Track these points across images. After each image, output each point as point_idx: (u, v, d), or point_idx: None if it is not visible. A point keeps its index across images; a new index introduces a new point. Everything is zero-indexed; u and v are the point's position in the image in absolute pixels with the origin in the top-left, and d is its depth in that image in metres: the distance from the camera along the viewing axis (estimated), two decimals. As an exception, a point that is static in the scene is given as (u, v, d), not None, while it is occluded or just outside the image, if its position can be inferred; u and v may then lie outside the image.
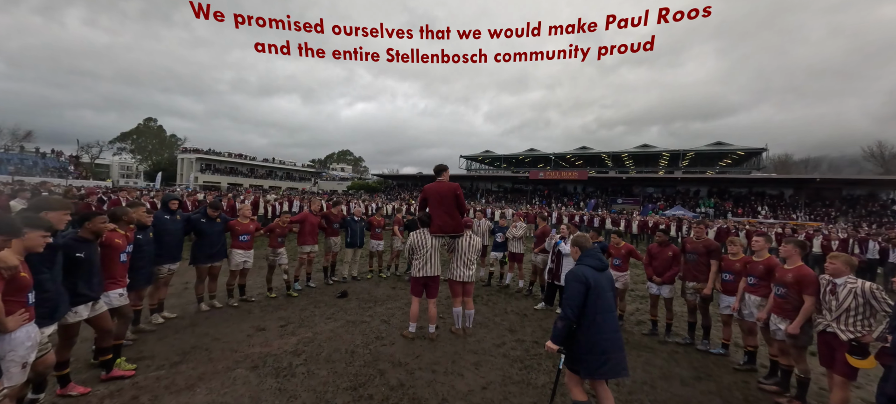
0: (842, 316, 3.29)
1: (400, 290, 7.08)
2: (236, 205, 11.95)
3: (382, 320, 5.38)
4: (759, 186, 35.54)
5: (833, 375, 3.35)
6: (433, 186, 4.95)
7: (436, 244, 4.80)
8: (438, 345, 4.59)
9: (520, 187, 47.36)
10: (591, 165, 48.70)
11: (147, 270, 4.44)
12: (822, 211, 30.55)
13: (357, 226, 7.64)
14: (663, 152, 42.96)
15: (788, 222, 24.74)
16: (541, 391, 3.67)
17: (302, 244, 6.78)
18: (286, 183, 58.70)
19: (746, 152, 38.51)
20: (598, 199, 40.25)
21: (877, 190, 31.29)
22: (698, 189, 37.79)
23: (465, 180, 49.82)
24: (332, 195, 34.69)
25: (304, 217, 6.85)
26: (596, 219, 18.02)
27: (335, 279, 7.54)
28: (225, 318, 5.17)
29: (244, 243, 5.77)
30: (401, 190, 51.18)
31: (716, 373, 4.31)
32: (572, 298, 2.80)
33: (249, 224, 5.92)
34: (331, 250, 7.41)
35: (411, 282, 4.90)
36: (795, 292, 3.70)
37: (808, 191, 32.86)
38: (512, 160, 53.06)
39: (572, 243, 3.15)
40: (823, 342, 3.43)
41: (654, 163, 47.73)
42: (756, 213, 31.56)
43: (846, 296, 3.28)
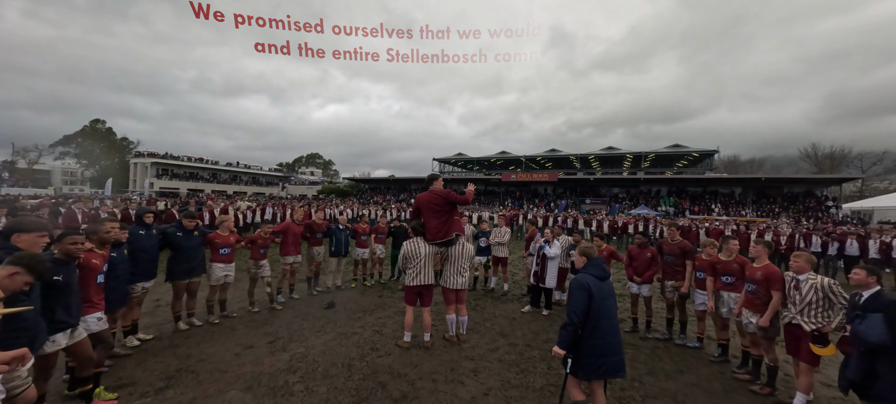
0: (805, 309, 3.65)
1: (387, 299, 7.01)
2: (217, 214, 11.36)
3: (375, 330, 5.32)
4: (713, 186, 38.17)
5: (799, 363, 3.71)
6: (425, 196, 4.98)
7: (430, 252, 4.82)
8: (435, 354, 4.61)
9: (492, 189, 48.07)
10: (560, 167, 50.38)
11: (122, 290, 4.16)
12: (767, 208, 33.29)
13: (342, 235, 7.49)
14: (627, 154, 45.15)
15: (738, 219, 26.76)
16: (540, 393, 3.79)
17: (285, 254, 6.57)
18: (252, 188, 56.27)
19: (701, 154, 41.25)
20: (567, 200, 41.68)
21: (812, 187, 34.51)
22: (659, 189, 40.01)
23: (438, 183, 49.85)
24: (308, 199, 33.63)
25: (287, 227, 6.64)
26: (569, 219, 18.67)
27: (319, 289, 7.35)
28: (207, 337, 4.92)
29: (225, 256, 5.52)
30: (373, 193, 50.48)
31: (695, 366, 4.62)
32: (576, 305, 2.92)
33: (230, 236, 5.67)
34: (314, 260, 7.23)
35: (405, 291, 4.89)
36: (764, 289, 4.05)
37: (755, 190, 35.72)
38: (484, 162, 53.82)
39: (580, 252, 3.28)
40: (789, 333, 3.79)
41: (618, 165, 50.11)
42: (710, 211, 33.88)
43: (808, 291, 3.64)
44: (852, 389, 3.09)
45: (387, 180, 52.51)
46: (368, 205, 33.19)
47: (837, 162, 45.67)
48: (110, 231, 3.77)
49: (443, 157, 52.94)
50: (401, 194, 48.93)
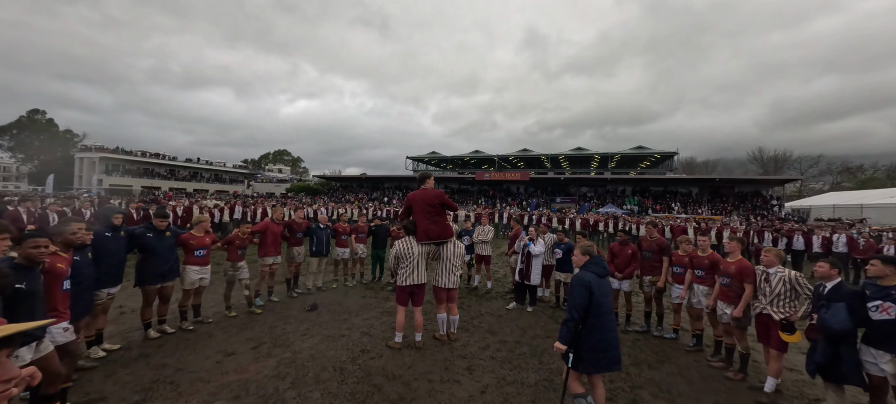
0: (774, 300, 3.95)
1: (371, 299, 6.88)
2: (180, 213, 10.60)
3: (363, 332, 5.20)
4: (673, 185, 40.48)
5: (769, 349, 4.00)
6: (418, 194, 4.92)
7: (422, 252, 4.78)
8: (427, 354, 4.58)
9: (466, 188, 48.40)
10: (532, 167, 51.57)
11: (86, 297, 3.80)
12: (720, 206, 35.74)
13: (323, 234, 7.26)
14: (595, 155, 46.91)
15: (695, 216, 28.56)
16: (534, 388, 3.85)
17: (264, 255, 6.28)
18: (214, 185, 53.34)
19: (662, 155, 43.62)
20: (538, 199, 42.75)
21: (759, 187, 37.44)
22: (624, 188, 41.90)
23: (411, 181, 49.63)
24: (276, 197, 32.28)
25: (266, 226, 6.35)
26: (544, 217, 19.15)
27: (299, 291, 7.09)
28: (182, 344, 4.61)
29: (200, 258, 5.19)
30: (345, 192, 49.38)
31: (673, 357, 4.88)
32: (578, 302, 3.00)
33: (205, 237, 5.34)
34: (294, 261, 6.96)
35: (397, 291, 4.82)
36: (737, 282, 4.34)
37: (710, 189, 38.24)
38: (458, 161, 54.11)
39: (581, 251, 3.36)
40: (760, 322, 4.09)
41: (586, 165, 51.96)
42: (671, 209, 35.92)
43: (777, 284, 3.94)
44: (819, 372, 3.37)
45: (359, 178, 51.54)
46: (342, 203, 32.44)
47: (780, 164, 49.88)
48: (77, 232, 3.44)
49: (416, 156, 52.68)
50: (373, 193, 48.23)
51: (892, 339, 3.04)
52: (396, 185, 49.83)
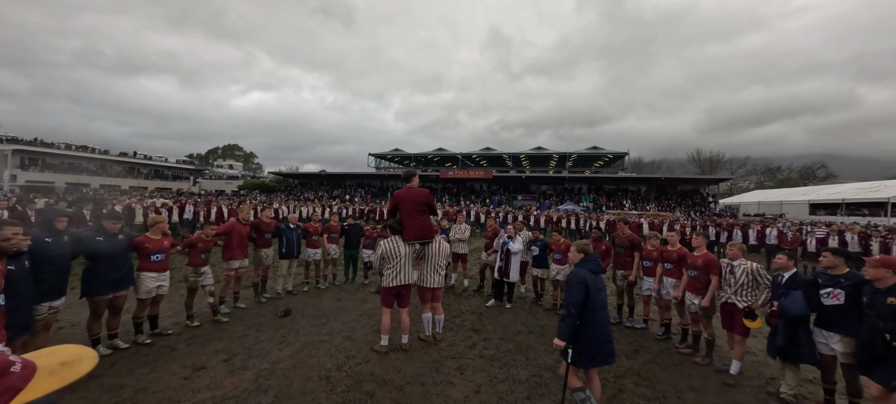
0: (738, 290, 4.31)
1: (347, 302, 6.62)
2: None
3: (344, 337, 4.98)
4: (624, 184, 43.20)
5: (733, 335, 4.36)
6: (405, 193, 4.79)
7: (409, 252, 4.65)
8: (415, 356, 4.48)
9: (430, 186, 48.28)
10: (494, 165, 52.60)
11: (24, 313, 3.29)
12: (665, 203, 38.70)
13: (293, 235, 6.86)
14: (553, 154, 48.81)
15: (645, 213, 30.69)
16: (526, 385, 3.90)
17: (229, 258, 5.80)
18: (154, 182, 48.71)
19: (614, 155, 46.36)
20: (501, 197, 43.75)
21: (698, 186, 41.01)
22: (581, 186, 44.04)
23: (374, 179, 48.74)
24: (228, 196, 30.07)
25: (231, 227, 5.87)
26: (509, 215, 19.60)
27: (267, 296, 6.65)
28: (140, 361, 4.13)
29: (157, 264, 4.69)
30: (303, 189, 47.31)
31: (646, 345, 5.17)
32: (575, 298, 3.06)
33: (163, 240, 4.82)
34: (262, 263, 6.51)
35: (382, 293, 4.66)
36: (704, 274, 4.69)
37: (657, 188, 41.28)
38: (421, 159, 53.89)
39: (577, 249, 3.43)
40: (725, 311, 4.44)
41: (545, 164, 53.91)
42: (622, 206, 38.33)
43: (741, 275, 4.31)
44: (779, 353, 3.73)
45: (318, 175, 49.61)
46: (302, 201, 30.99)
47: (715, 165, 55.10)
48: (11, 238, 2.94)
49: (379, 153, 51.71)
50: (334, 190, 46.71)
51: (841, 322, 3.42)
52: (358, 183, 48.62)
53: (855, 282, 3.38)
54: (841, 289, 3.44)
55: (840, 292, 3.44)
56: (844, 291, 3.42)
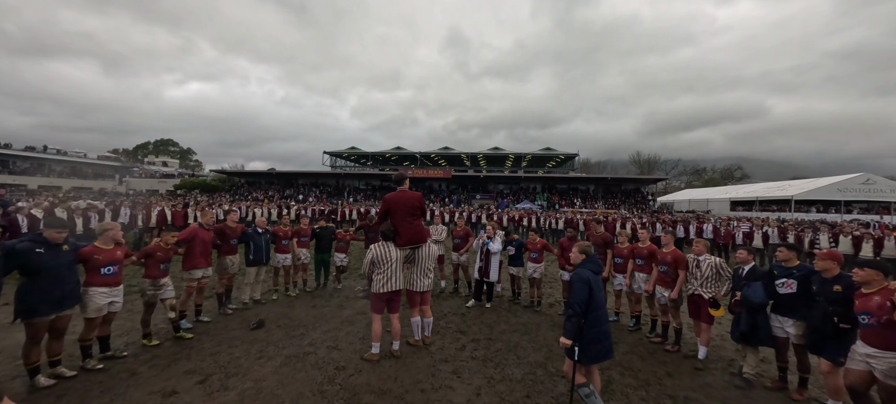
0: (704, 282, 4.74)
1: (323, 309, 6.31)
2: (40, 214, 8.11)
3: (329, 347, 4.73)
4: (575, 183, 45.76)
5: (699, 323, 4.79)
6: (397, 196, 4.65)
7: (400, 256, 4.53)
8: (408, 362, 4.38)
9: (389, 185, 47.59)
10: (452, 164, 53.09)
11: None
12: (611, 201, 41.60)
13: (261, 240, 6.38)
14: (509, 154, 50.33)
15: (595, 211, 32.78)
16: (524, 383, 3.97)
17: (191, 268, 5.27)
18: (70, 181, 42.77)
19: (566, 156, 48.87)
20: (459, 196, 44.30)
21: (639, 185, 44.58)
22: (535, 186, 45.89)
23: (329, 178, 46.98)
24: (161, 195, 27.14)
25: (194, 233, 5.33)
26: (473, 214, 19.89)
27: (233, 307, 6.12)
28: (94, 390, 3.60)
29: (109, 277, 4.12)
30: (251, 189, 44.30)
31: (621, 337, 5.51)
32: (579, 297, 3.18)
33: (115, 250, 4.25)
34: (227, 272, 5.97)
35: (372, 299, 4.49)
36: (673, 268, 5.10)
37: (604, 187, 44.20)
38: (379, 158, 52.86)
39: (579, 250, 3.54)
40: (692, 301, 4.87)
41: (501, 164, 55.44)
42: (573, 204, 40.59)
43: (706, 269, 4.74)
44: (742, 338, 4.16)
45: (268, 174, 46.74)
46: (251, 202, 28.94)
47: (652, 166, 60.34)
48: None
49: (334, 151, 49.89)
50: (286, 190, 44.33)
51: (794, 308, 3.90)
52: (312, 182, 46.56)
53: (805, 273, 3.87)
54: (794, 279, 3.92)
55: (793, 282, 3.92)
56: (797, 281, 3.90)
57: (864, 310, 3.14)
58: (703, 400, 3.80)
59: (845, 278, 3.50)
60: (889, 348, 2.99)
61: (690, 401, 3.76)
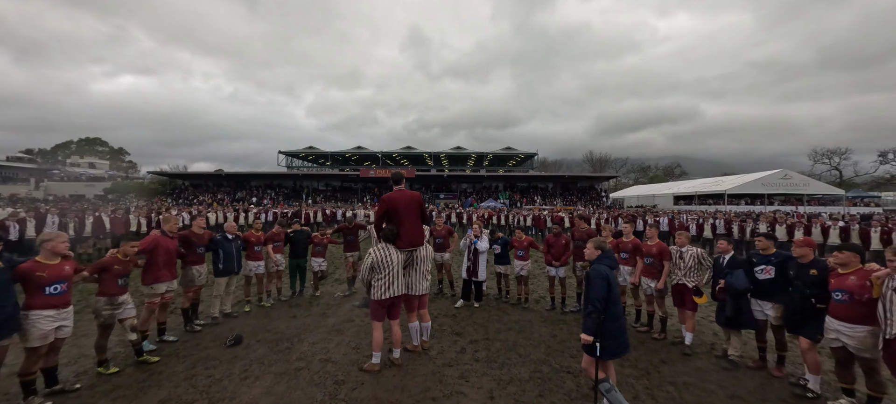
0: (687, 272, 5.01)
1: (304, 318, 5.88)
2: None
3: (322, 360, 4.38)
4: (534, 182, 47.35)
5: (684, 311, 5.05)
6: (397, 196, 4.41)
7: (401, 259, 4.30)
8: (410, 370, 4.17)
9: (349, 186, 46.22)
10: (415, 164, 52.73)
11: None
12: (569, 198, 43.56)
13: (231, 247, 5.80)
14: (471, 153, 50.98)
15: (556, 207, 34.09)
16: (532, 382, 3.93)
17: (153, 281, 4.65)
18: (-31, 187, 36.70)
19: (525, 155, 50.43)
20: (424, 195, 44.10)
21: (593, 183, 47.13)
22: (497, 184, 46.86)
23: (285, 179, 44.65)
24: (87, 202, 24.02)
25: (155, 242, 4.70)
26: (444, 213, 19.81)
27: (201, 322, 5.51)
28: (45, 432, 3.01)
29: (56, 297, 3.50)
30: (197, 192, 40.87)
31: (610, 329, 5.68)
32: (599, 292, 3.18)
33: (62, 264, 3.62)
34: (194, 284, 5.35)
35: (373, 306, 4.22)
36: (658, 260, 5.34)
37: (561, 185, 46.18)
38: (338, 158, 51.16)
39: (594, 245, 3.54)
40: (676, 291, 5.12)
41: (463, 163, 55.98)
42: (534, 202, 41.98)
43: (690, 259, 5.01)
44: (728, 323, 4.44)
45: (216, 175, 43.35)
46: (195, 206, 26.58)
47: (604, 164, 64.12)
48: None
49: (291, 150, 47.50)
50: (237, 192, 41.51)
51: (772, 292, 4.21)
52: (267, 183, 43.97)
53: (782, 259, 4.20)
54: (772, 266, 4.24)
55: (771, 268, 4.24)
56: (774, 267, 4.22)
57: (839, 288, 3.45)
58: (700, 384, 3.99)
59: (820, 262, 3.84)
60: (858, 321, 3.31)
61: (690, 387, 3.92)
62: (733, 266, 4.55)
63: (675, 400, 3.67)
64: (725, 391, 3.85)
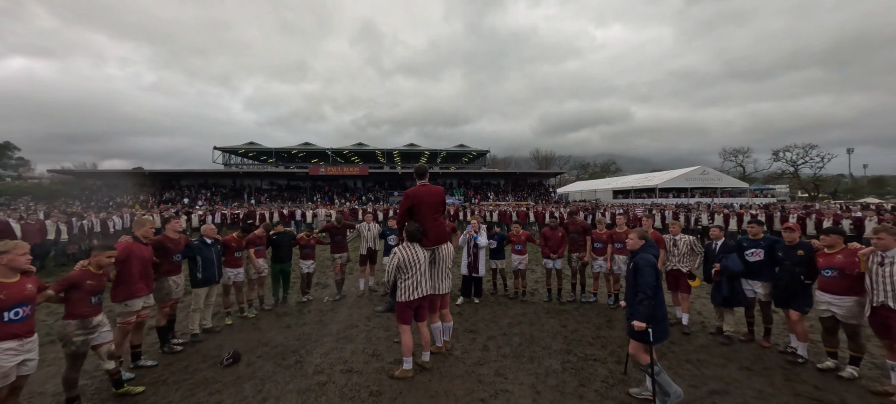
0: (681, 258, 5.42)
1: (299, 329, 5.36)
2: None
3: (343, 370, 4.02)
4: (487, 178, 48.52)
5: (678, 294, 5.47)
6: (421, 191, 4.17)
7: (427, 258, 4.08)
8: (444, 372, 3.99)
9: (297, 184, 43.54)
10: (366, 161, 51.15)
11: None
12: (520, 194, 45.35)
13: (211, 252, 5.09)
14: (425, 150, 50.80)
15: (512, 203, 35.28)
16: (567, 373, 3.97)
17: (127, 297, 3.91)
18: None
19: (478, 153, 51.46)
20: (377, 194, 43.07)
21: (541, 179, 49.57)
22: (452, 181, 47.24)
23: (223, 177, 40.82)
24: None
25: (129, 250, 3.95)
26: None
27: (181, 342, 4.76)
28: None
29: (17, 325, 2.78)
30: (112, 192, 35.63)
31: (608, 315, 5.96)
32: (649, 281, 3.29)
33: (24, 282, 2.88)
34: (170, 297, 4.60)
35: (399, 309, 3.95)
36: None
37: (513, 181, 47.89)
38: (283, 154, 47.95)
39: (639, 236, 3.63)
40: (671, 276, 5.52)
41: (416, 160, 55.58)
42: (487, 198, 43.05)
43: (683, 247, 5.43)
44: (724, 302, 4.87)
45: (137, 174, 38.12)
46: (112, 209, 23.07)
47: (550, 161, 67.81)
48: None
49: (228, 146, 43.38)
50: (165, 193, 37.05)
51: (761, 272, 4.70)
52: (200, 183, 39.78)
53: (770, 243, 4.72)
54: (761, 249, 4.74)
55: (761, 251, 4.74)
56: (764, 250, 4.72)
57: (828, 266, 3.96)
58: (710, 359, 4.33)
59: (806, 244, 4.37)
60: (846, 293, 3.83)
61: (703, 363, 4.24)
62: (726, 251, 5.00)
63: (699, 376, 3.94)
64: (734, 364, 4.22)
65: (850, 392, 3.60)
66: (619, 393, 3.60)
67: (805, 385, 3.74)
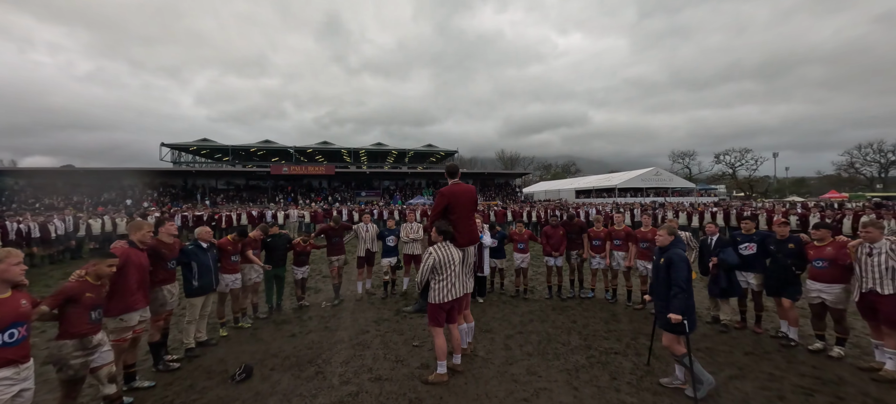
0: (679, 253, 5.75)
1: (304, 337, 5.04)
2: None
3: (373, 379, 3.82)
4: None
5: (676, 288, 5.80)
6: (457, 189, 4.07)
7: (461, 258, 3.99)
8: (478, 374, 3.92)
9: (257, 183, 41.17)
10: (332, 160, 49.49)
11: None
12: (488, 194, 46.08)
13: (208, 258, 4.64)
14: (392, 150, 50.08)
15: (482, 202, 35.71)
16: (595, 367, 4.06)
17: (123, 311, 3.46)
18: None
19: (446, 153, 51.63)
20: (343, 194, 41.82)
21: (508, 179, 50.72)
22: (420, 181, 46.99)
23: (174, 176, 37.67)
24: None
25: (126, 257, 3.48)
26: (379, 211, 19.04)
27: (176, 358, 4.28)
28: None
29: (12, 349, 2.36)
30: (39, 193, 31.58)
31: (608, 309, 6.18)
32: (683, 275, 3.44)
33: (17, 298, 2.44)
34: (164, 308, 4.13)
35: (432, 310, 3.82)
36: (652, 244, 6.01)
37: (481, 181, 48.55)
38: (241, 152, 45.13)
39: (668, 232, 3.77)
40: (668, 270, 5.85)
41: (383, 159, 54.71)
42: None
43: (681, 241, 5.77)
44: (722, 293, 5.23)
45: (68, 172, 34.05)
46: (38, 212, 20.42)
47: (515, 162, 69.57)
48: None
49: (178, 143, 40.05)
50: (103, 193, 33.49)
51: (754, 264, 5.11)
52: (146, 182, 36.34)
53: (762, 237, 5.13)
54: (754, 243, 5.15)
55: (753, 244, 5.15)
56: (756, 243, 5.13)
57: (819, 258, 4.37)
58: (716, 347, 4.63)
59: (795, 238, 4.80)
60: (835, 282, 4.25)
61: (713, 351, 4.53)
62: (721, 245, 5.38)
63: (712, 363, 4.19)
64: (738, 350, 4.54)
65: (842, 369, 4.00)
66: (650, 383, 3.73)
67: (804, 366, 4.10)
